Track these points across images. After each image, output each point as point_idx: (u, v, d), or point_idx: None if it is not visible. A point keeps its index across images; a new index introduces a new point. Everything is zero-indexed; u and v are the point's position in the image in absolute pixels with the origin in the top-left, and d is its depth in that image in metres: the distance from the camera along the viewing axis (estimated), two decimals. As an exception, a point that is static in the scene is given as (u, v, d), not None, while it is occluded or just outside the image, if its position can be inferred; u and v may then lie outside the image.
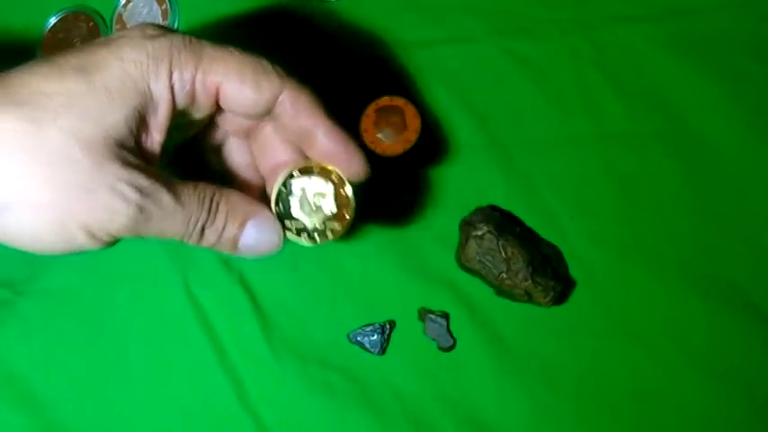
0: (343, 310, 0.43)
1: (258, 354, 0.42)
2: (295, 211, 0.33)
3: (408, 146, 0.41)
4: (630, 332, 0.42)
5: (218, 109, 0.31)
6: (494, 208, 0.43)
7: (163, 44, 0.28)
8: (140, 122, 0.28)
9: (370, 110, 0.42)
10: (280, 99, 0.30)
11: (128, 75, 0.27)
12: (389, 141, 0.41)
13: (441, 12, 0.46)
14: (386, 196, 0.44)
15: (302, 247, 0.34)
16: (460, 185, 0.44)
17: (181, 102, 0.29)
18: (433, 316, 0.42)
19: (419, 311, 0.42)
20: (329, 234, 0.34)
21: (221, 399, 0.42)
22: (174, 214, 0.29)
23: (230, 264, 0.43)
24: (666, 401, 0.41)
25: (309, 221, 0.33)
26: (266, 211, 0.32)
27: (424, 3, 0.46)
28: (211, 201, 0.30)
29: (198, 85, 0.29)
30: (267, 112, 0.31)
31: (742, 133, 0.44)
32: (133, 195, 0.27)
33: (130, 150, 0.27)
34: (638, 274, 0.42)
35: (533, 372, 0.41)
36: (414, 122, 0.41)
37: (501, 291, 0.41)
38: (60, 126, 0.26)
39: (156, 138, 0.29)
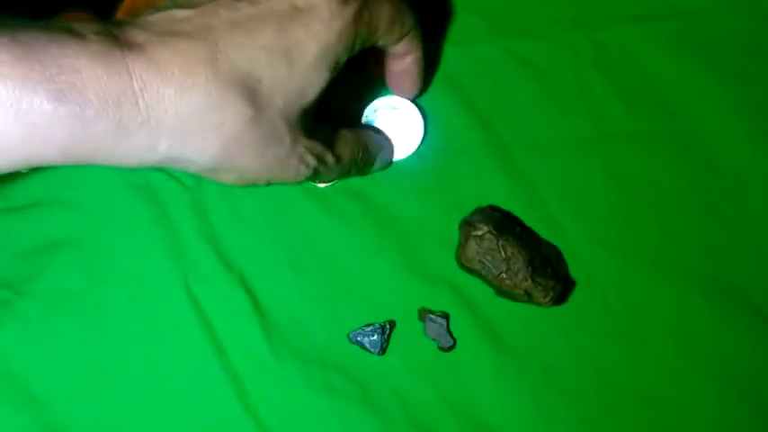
0: (343, 310, 0.43)
1: (258, 354, 0.42)
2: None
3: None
4: (631, 332, 0.42)
5: None
6: (494, 208, 0.43)
7: (346, 17, 0.31)
8: (325, 90, 0.32)
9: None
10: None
11: (324, 56, 0.31)
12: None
13: (439, 11, 0.46)
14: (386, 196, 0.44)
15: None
16: (460, 185, 0.44)
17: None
18: (433, 316, 0.42)
19: (419, 311, 0.42)
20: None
21: (221, 399, 0.42)
22: (333, 170, 0.36)
23: (230, 264, 0.43)
24: (667, 401, 0.41)
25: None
26: (389, 145, 0.41)
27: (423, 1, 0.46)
28: (357, 152, 0.37)
29: (367, 45, 0.34)
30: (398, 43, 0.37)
31: (743, 133, 0.44)
32: (313, 162, 0.33)
33: (311, 115, 0.33)
34: (639, 274, 0.42)
35: (533, 372, 0.41)
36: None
37: (501, 291, 0.41)
38: (272, 110, 0.30)
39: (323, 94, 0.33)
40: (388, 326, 0.42)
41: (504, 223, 0.41)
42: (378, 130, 0.42)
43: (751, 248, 0.42)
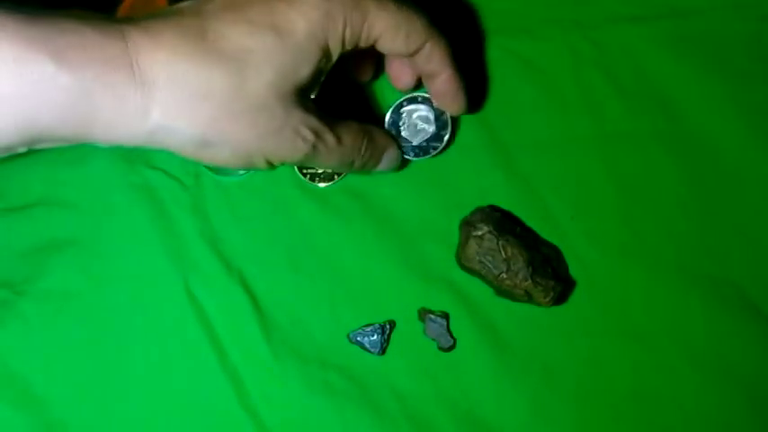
0: (343, 310, 0.43)
1: (258, 354, 0.42)
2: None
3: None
4: (630, 332, 0.42)
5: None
6: (494, 208, 0.43)
7: (337, 5, 0.32)
8: (318, 73, 0.33)
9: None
10: (424, 47, 0.36)
11: (313, 35, 0.32)
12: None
13: (440, 11, 0.46)
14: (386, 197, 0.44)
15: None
16: (460, 185, 0.44)
17: (347, 51, 0.34)
18: (432, 316, 0.42)
19: (419, 311, 0.42)
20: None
21: (221, 399, 0.42)
22: (334, 152, 0.35)
23: (230, 264, 0.43)
24: (666, 401, 0.41)
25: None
26: (396, 144, 0.41)
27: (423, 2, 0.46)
28: (362, 140, 0.37)
29: (362, 39, 0.34)
30: (413, 56, 0.37)
31: (742, 133, 0.44)
32: (310, 136, 0.33)
33: (307, 93, 0.33)
34: (638, 274, 0.42)
35: (533, 372, 0.41)
36: None
37: (501, 291, 0.41)
38: (261, 80, 0.30)
39: (320, 80, 0.34)
40: (388, 326, 0.42)
41: (504, 223, 0.41)
42: (388, 132, 0.41)
43: (751, 248, 0.42)
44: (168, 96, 0.29)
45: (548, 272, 0.41)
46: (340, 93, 0.42)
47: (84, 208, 0.44)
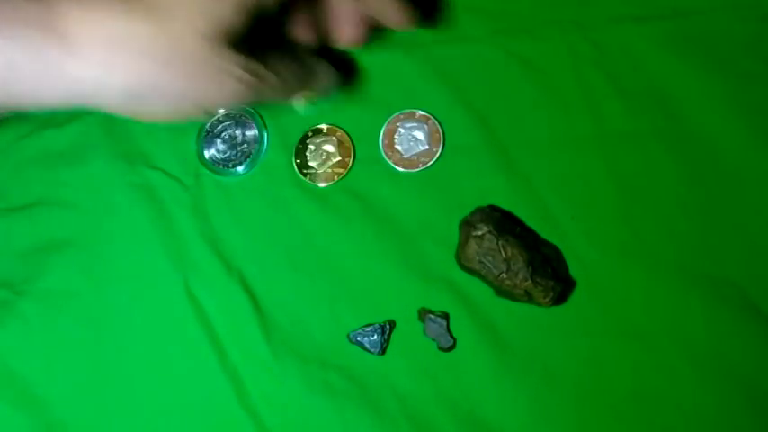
0: (343, 310, 0.43)
1: (258, 354, 0.42)
2: (311, 162, 0.44)
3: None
4: (630, 332, 0.42)
5: None
6: (494, 208, 0.43)
7: None
8: (249, 17, 0.32)
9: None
10: None
11: None
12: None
13: (441, 12, 0.46)
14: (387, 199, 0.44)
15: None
16: (460, 185, 0.44)
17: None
18: (432, 316, 0.42)
19: (419, 311, 0.42)
20: (335, 177, 0.44)
21: (221, 399, 0.42)
22: (275, 89, 0.34)
23: (230, 264, 0.43)
24: (666, 401, 0.41)
25: (321, 168, 0.44)
26: (331, 70, 0.39)
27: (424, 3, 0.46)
28: (293, 64, 0.36)
29: None
30: None
31: (742, 133, 0.44)
32: (246, 77, 0.32)
33: (238, 37, 0.32)
34: (639, 274, 0.42)
35: (533, 372, 0.41)
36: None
37: (501, 291, 0.41)
38: (183, 23, 0.30)
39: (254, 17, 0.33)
40: (388, 326, 0.42)
41: (504, 223, 0.41)
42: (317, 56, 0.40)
43: (751, 248, 0.42)
44: (91, 50, 0.29)
45: (548, 272, 0.41)
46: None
47: (84, 208, 0.44)
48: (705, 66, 0.44)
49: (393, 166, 0.44)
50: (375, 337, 0.42)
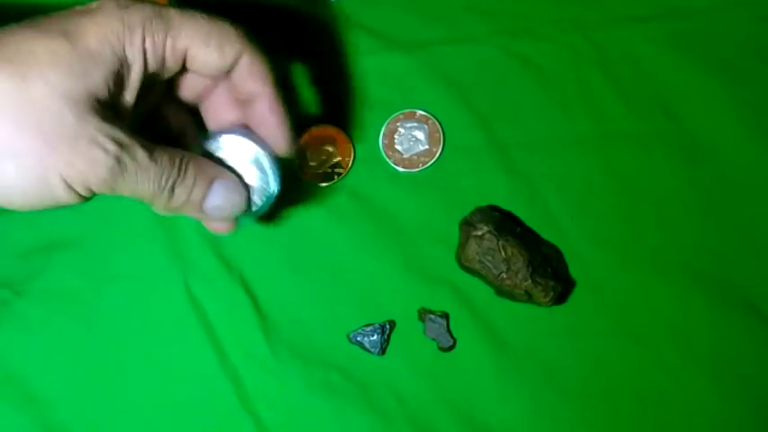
0: (343, 310, 0.43)
1: (258, 354, 0.42)
2: (311, 162, 0.39)
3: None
4: (631, 332, 0.42)
5: (181, 72, 0.33)
6: (494, 208, 0.43)
7: (135, 14, 0.30)
8: (117, 83, 0.30)
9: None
10: (240, 61, 0.33)
11: (106, 40, 0.29)
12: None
13: (441, 12, 0.46)
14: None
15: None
16: (460, 185, 0.44)
17: (152, 65, 0.31)
18: (433, 316, 0.42)
19: (419, 311, 0.42)
20: (335, 177, 0.39)
21: (221, 399, 0.42)
22: (147, 170, 0.30)
23: (230, 264, 0.43)
24: (667, 401, 0.41)
25: (320, 168, 0.38)
26: (231, 174, 0.34)
27: (424, 3, 0.46)
28: (181, 161, 0.32)
29: (168, 50, 0.31)
30: (228, 73, 0.33)
31: (743, 133, 0.44)
32: (112, 147, 0.29)
33: (109, 108, 0.30)
34: (639, 274, 0.42)
35: (533, 372, 0.41)
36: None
37: (501, 291, 0.41)
38: (46, 82, 0.28)
39: (128, 98, 0.31)
40: (388, 326, 0.42)
41: (504, 223, 0.41)
42: (222, 162, 0.35)
43: (751, 248, 0.42)
44: None
45: (548, 272, 0.41)
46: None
47: (84, 208, 0.44)
48: (705, 66, 0.44)
49: (393, 166, 0.44)
50: (375, 337, 0.42)
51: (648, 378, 0.41)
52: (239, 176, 0.34)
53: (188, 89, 0.36)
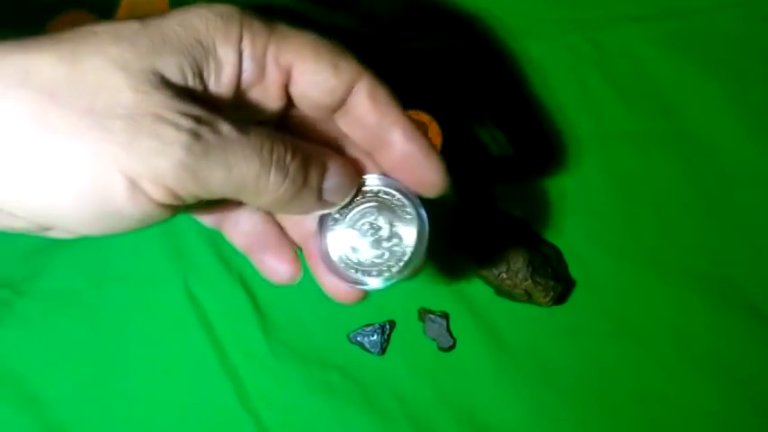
0: (344, 310, 0.43)
1: (258, 354, 0.42)
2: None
3: None
4: (630, 332, 0.42)
5: (287, 106, 0.27)
6: (493, 208, 0.43)
7: (233, 9, 0.25)
8: (198, 74, 0.24)
9: None
10: (357, 86, 0.26)
11: (191, 24, 0.24)
12: None
13: (441, 12, 0.46)
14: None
15: None
16: (460, 185, 0.44)
17: (248, 74, 0.25)
18: (432, 316, 0.42)
19: (419, 311, 0.42)
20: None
21: (221, 399, 0.42)
22: (239, 144, 0.23)
23: (230, 264, 0.43)
24: (666, 401, 0.41)
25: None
26: (344, 159, 0.27)
27: (424, 3, 0.46)
28: (281, 142, 0.24)
29: (269, 60, 0.25)
30: (341, 103, 0.26)
31: (742, 133, 0.44)
32: (185, 122, 0.22)
33: (186, 94, 0.23)
34: (639, 274, 0.42)
35: (533, 372, 0.41)
36: (435, 140, 0.41)
37: (501, 291, 0.41)
38: (103, 55, 0.22)
39: (222, 96, 0.25)
40: (388, 326, 0.42)
41: (505, 223, 0.41)
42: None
43: (750, 248, 0.42)
44: None
45: (548, 272, 0.41)
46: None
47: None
48: (705, 66, 0.44)
49: None
50: (375, 337, 0.42)
51: (648, 378, 0.41)
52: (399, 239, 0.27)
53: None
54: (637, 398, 0.41)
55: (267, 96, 0.26)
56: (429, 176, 0.27)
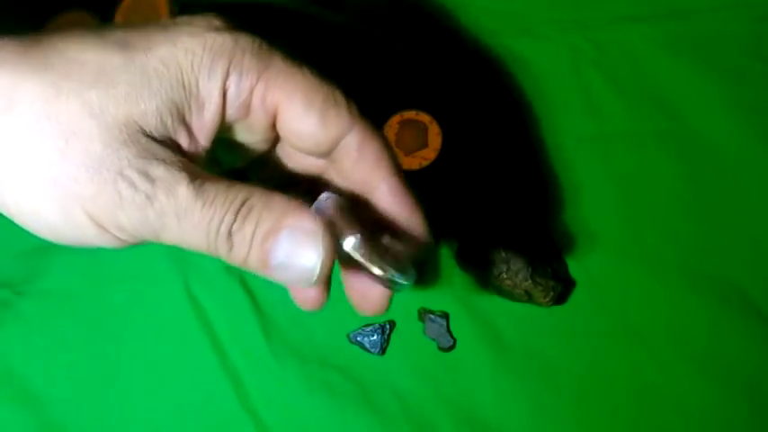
0: (343, 310, 0.42)
1: (258, 354, 0.42)
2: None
3: (425, 163, 0.41)
4: (630, 332, 0.42)
5: (274, 140, 0.27)
6: (493, 207, 0.43)
7: (226, 40, 0.24)
8: (177, 119, 0.24)
9: (394, 121, 0.42)
10: (345, 140, 0.25)
11: (175, 61, 0.23)
12: (407, 156, 0.41)
13: (441, 11, 0.46)
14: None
15: None
16: (460, 185, 0.44)
17: (233, 112, 0.25)
18: (432, 316, 0.42)
19: (419, 311, 0.42)
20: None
21: (221, 399, 0.42)
22: (191, 212, 0.23)
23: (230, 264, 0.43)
24: (666, 401, 0.41)
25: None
26: (307, 218, 0.23)
27: (424, 2, 0.46)
28: (243, 202, 0.23)
29: (256, 99, 0.24)
30: (328, 152, 0.25)
31: (742, 133, 0.44)
32: (143, 185, 0.22)
33: (164, 143, 0.23)
34: (638, 274, 0.42)
35: (533, 372, 0.41)
36: (435, 141, 0.41)
37: (501, 291, 0.41)
38: (83, 99, 0.22)
39: (200, 144, 0.24)
40: (387, 326, 0.42)
41: (505, 223, 0.41)
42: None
43: (750, 248, 0.42)
44: None
45: (548, 272, 0.41)
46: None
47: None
48: (705, 65, 0.44)
49: None
50: (375, 337, 0.42)
51: (647, 378, 0.41)
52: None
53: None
54: (636, 398, 0.41)
55: (253, 131, 0.26)
56: (413, 233, 0.26)
